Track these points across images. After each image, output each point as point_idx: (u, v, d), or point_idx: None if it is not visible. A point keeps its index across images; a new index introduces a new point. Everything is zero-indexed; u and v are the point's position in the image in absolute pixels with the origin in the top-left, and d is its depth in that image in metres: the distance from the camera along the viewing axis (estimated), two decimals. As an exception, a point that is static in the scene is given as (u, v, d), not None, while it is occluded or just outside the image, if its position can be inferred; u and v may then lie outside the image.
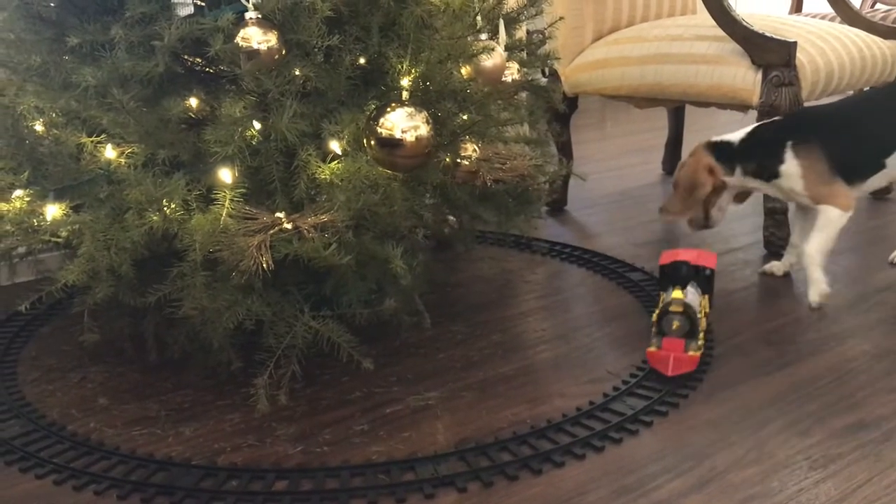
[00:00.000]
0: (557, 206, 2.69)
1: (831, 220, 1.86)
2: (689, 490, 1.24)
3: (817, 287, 1.88)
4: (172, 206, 1.42)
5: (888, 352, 1.66)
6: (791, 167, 1.87)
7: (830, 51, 2.22)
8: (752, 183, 1.96)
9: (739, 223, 2.49)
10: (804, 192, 1.88)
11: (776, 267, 2.08)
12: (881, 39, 2.42)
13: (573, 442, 1.37)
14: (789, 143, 1.87)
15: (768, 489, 1.24)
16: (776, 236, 2.22)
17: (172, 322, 1.52)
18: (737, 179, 1.96)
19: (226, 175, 1.44)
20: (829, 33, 2.29)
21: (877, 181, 1.95)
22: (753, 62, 2.14)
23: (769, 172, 1.91)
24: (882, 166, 1.92)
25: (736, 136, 1.97)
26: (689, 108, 2.93)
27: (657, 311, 1.64)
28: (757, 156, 1.93)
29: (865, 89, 2.45)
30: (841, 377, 1.57)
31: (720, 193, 1.98)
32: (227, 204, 1.40)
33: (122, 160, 1.48)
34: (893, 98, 2.03)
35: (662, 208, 2.07)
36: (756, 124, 2.00)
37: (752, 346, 1.71)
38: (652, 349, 1.61)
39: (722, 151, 1.95)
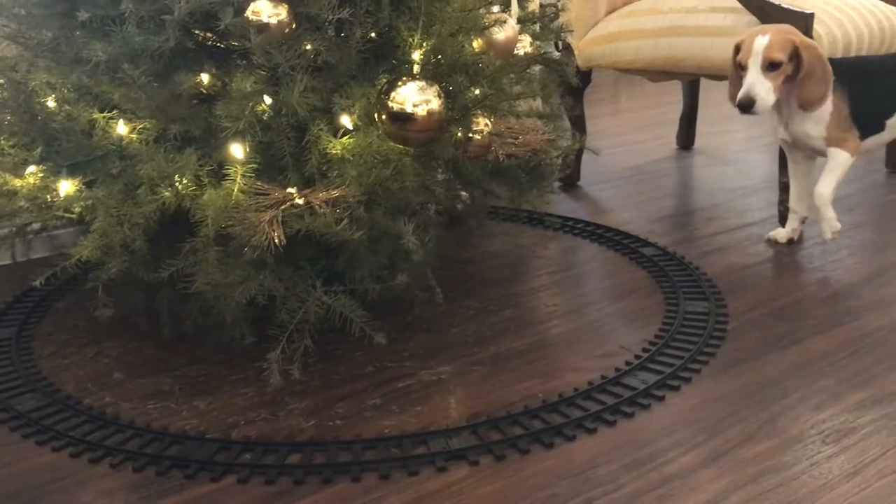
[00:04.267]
0: (570, 182, 2.67)
1: (840, 162, 1.94)
2: (701, 464, 1.24)
3: (830, 224, 1.98)
4: (184, 181, 1.43)
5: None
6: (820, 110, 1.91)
7: (848, 22, 2.18)
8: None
9: (755, 197, 2.47)
10: (823, 133, 1.93)
11: (780, 234, 2.10)
12: (901, 10, 2.38)
13: (584, 416, 1.37)
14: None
15: (781, 463, 1.24)
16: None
17: (186, 297, 1.52)
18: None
19: (237, 150, 1.44)
20: (847, 4, 2.25)
21: (873, 142, 2.03)
22: (770, 34, 2.11)
23: None
24: (882, 128, 2.01)
25: None
26: (703, 82, 2.90)
27: None
28: None
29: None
30: (855, 352, 1.56)
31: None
32: (238, 179, 1.41)
33: (134, 136, 1.48)
34: None
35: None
36: None
37: (766, 321, 1.70)
38: None
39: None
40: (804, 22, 2.05)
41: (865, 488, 1.17)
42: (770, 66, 1.86)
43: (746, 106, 1.87)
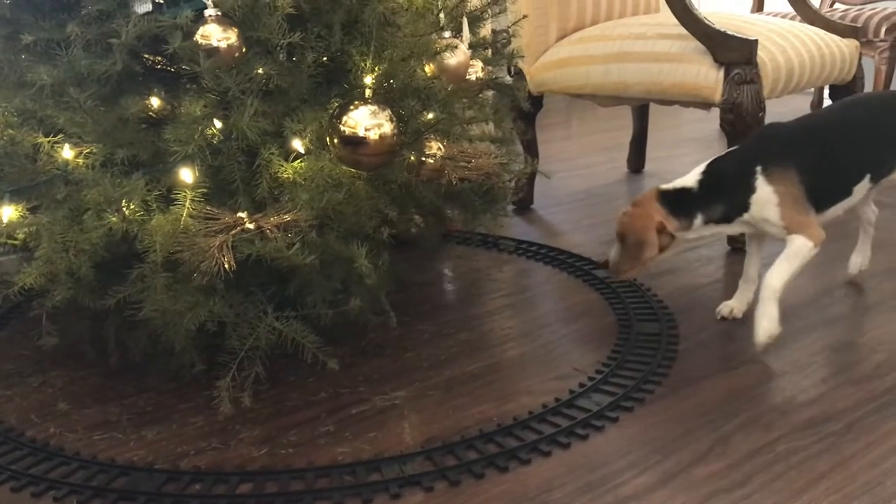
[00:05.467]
0: (524, 205, 2.69)
1: (800, 252, 1.64)
2: (655, 485, 1.25)
3: (769, 325, 1.63)
4: (132, 206, 1.40)
5: (848, 346, 1.68)
6: (764, 195, 1.64)
7: (791, 49, 2.24)
8: (715, 229, 1.72)
9: (703, 220, 2.51)
10: (779, 222, 1.64)
11: (735, 310, 1.83)
12: (839, 38, 2.46)
13: (539, 439, 1.37)
14: (758, 169, 1.64)
15: (732, 483, 1.25)
16: (729, 235, 2.23)
17: (134, 325, 1.49)
18: (696, 231, 1.70)
19: (186, 175, 1.42)
20: (790, 31, 2.32)
21: (838, 210, 1.74)
22: (716, 60, 2.16)
23: (738, 208, 1.66)
24: (849, 194, 1.73)
25: (690, 179, 1.70)
26: (653, 107, 2.95)
27: None
28: (723, 195, 1.67)
29: (831, 103, 2.11)
30: (803, 371, 1.58)
31: (664, 251, 1.71)
32: (187, 204, 1.39)
33: (80, 160, 1.46)
34: (872, 114, 1.79)
35: (612, 266, 1.76)
36: (708, 161, 1.73)
37: (716, 342, 1.72)
38: None
39: (678, 201, 1.69)
40: (748, 48, 2.11)
41: (815, 506, 1.19)
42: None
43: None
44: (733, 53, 2.12)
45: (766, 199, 1.64)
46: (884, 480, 1.24)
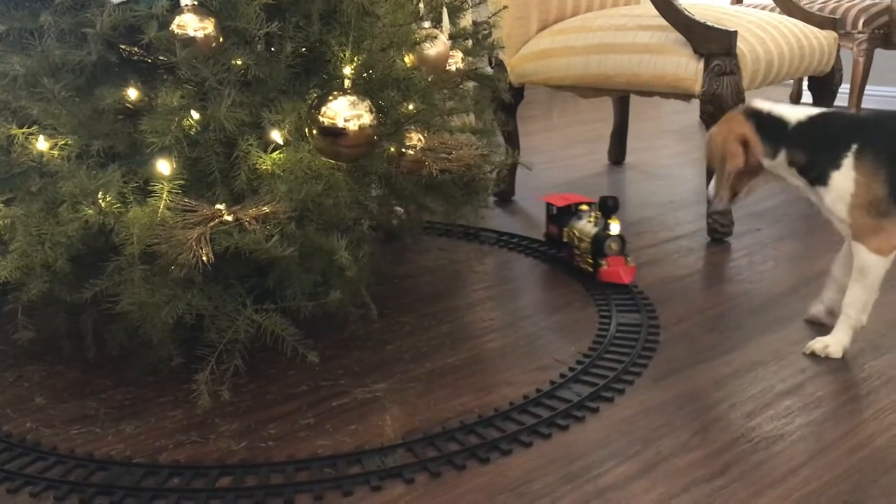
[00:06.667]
0: (505, 197, 2.69)
1: (866, 268, 1.51)
2: (635, 475, 1.25)
3: (835, 342, 1.57)
4: (108, 198, 1.39)
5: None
6: (845, 178, 1.49)
7: (770, 40, 2.25)
8: (793, 178, 1.58)
9: (684, 211, 2.52)
10: (845, 217, 1.51)
11: (821, 314, 1.71)
12: (818, 29, 2.47)
13: (520, 430, 1.37)
14: (854, 146, 1.49)
15: (712, 472, 1.25)
16: (719, 223, 2.24)
17: (111, 318, 1.48)
18: (777, 164, 1.57)
19: (163, 166, 1.40)
20: (769, 23, 2.33)
21: None
22: (695, 51, 2.16)
23: (817, 173, 1.53)
24: None
25: (793, 113, 1.57)
26: (634, 99, 2.95)
27: (582, 241, 1.99)
28: (813, 147, 1.53)
29: None
30: (782, 360, 1.59)
31: (755, 175, 1.61)
32: (165, 196, 1.37)
33: (55, 152, 1.44)
34: None
35: (711, 196, 1.66)
36: (826, 109, 1.63)
37: (696, 332, 1.73)
38: (603, 268, 1.93)
39: (769, 126, 1.57)
40: (728, 39, 2.11)
41: (793, 495, 1.19)
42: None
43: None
44: (713, 45, 2.13)
45: (844, 184, 1.49)
46: (862, 468, 1.25)
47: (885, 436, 1.33)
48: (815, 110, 1.60)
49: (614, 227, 1.95)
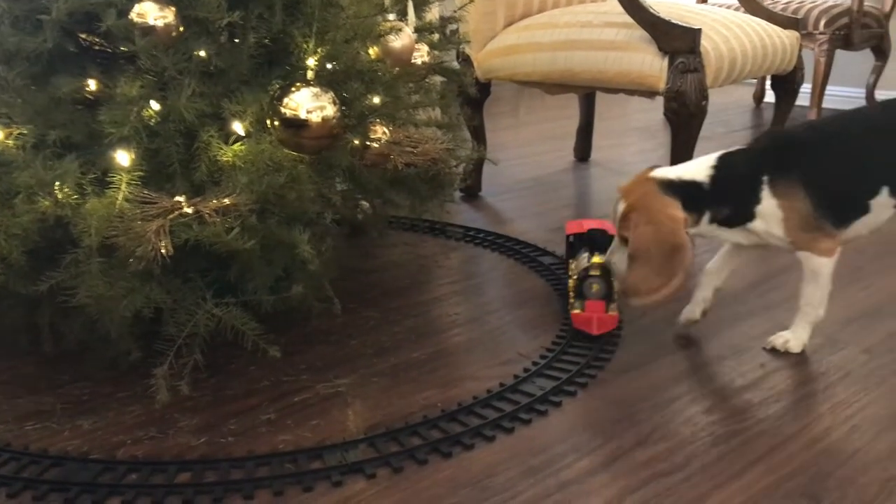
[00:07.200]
0: (472, 192, 2.69)
1: (816, 270, 1.55)
2: (597, 469, 1.25)
3: (796, 338, 1.60)
4: (65, 189, 1.36)
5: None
6: (770, 209, 1.51)
7: (733, 38, 2.27)
8: (717, 233, 1.58)
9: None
10: (785, 237, 1.53)
11: (692, 313, 1.71)
12: (780, 29, 2.50)
13: (483, 424, 1.37)
14: (765, 179, 1.51)
15: (673, 466, 1.26)
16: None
17: (68, 312, 1.45)
18: (701, 229, 1.56)
19: (122, 157, 1.38)
20: (733, 22, 2.35)
21: (857, 229, 1.57)
22: (660, 49, 2.18)
23: (744, 216, 1.54)
24: (867, 210, 1.55)
25: (699, 171, 1.54)
26: (600, 96, 2.97)
27: (573, 277, 1.72)
28: (732, 196, 1.53)
29: (849, 109, 1.76)
30: (742, 355, 1.61)
31: None
32: (123, 187, 1.35)
33: (10, 142, 1.41)
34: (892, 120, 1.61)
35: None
36: (719, 153, 1.58)
37: (658, 327, 1.74)
38: (576, 311, 1.67)
39: (686, 194, 1.52)
40: (692, 37, 2.13)
41: (752, 488, 1.21)
42: (622, 240, 1.56)
43: (609, 271, 1.64)
44: (677, 42, 2.14)
45: (770, 212, 1.51)
46: (819, 461, 1.27)
47: (842, 429, 1.35)
48: (713, 158, 1.56)
49: (596, 266, 1.66)
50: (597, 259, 1.68)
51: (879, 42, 3.76)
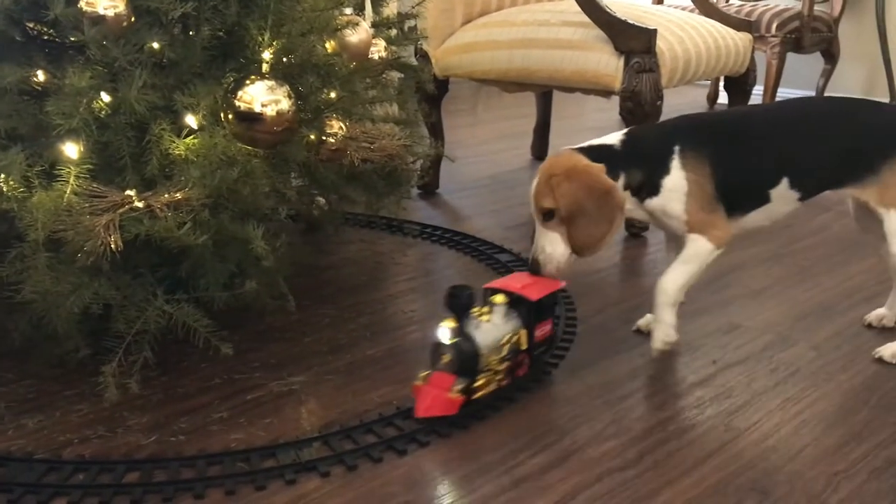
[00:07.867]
0: (429, 189, 2.68)
1: (700, 254, 1.52)
2: (551, 465, 1.26)
3: (663, 330, 1.55)
4: (11, 182, 1.32)
5: (738, 328, 1.74)
6: (675, 181, 1.50)
7: (689, 40, 2.30)
8: (628, 207, 1.55)
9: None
10: (682, 215, 1.51)
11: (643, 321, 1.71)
12: (734, 31, 2.53)
13: (438, 421, 1.36)
14: (676, 149, 1.50)
15: (626, 461, 1.27)
16: (636, 218, 2.27)
17: (14, 307, 1.41)
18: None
19: (71, 150, 1.35)
20: (688, 23, 2.37)
21: (757, 219, 1.58)
22: (616, 48, 2.19)
23: (649, 188, 1.52)
24: (767, 199, 1.56)
25: (611, 138, 1.55)
26: (557, 96, 2.98)
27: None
28: (643, 162, 1.51)
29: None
30: (695, 352, 1.63)
31: None
32: (71, 181, 1.32)
33: (-48, 132, 1.36)
34: (804, 117, 1.62)
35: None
36: (629, 128, 1.64)
37: (612, 324, 1.75)
38: (416, 383, 1.39)
39: (600, 155, 1.50)
40: (648, 37, 2.15)
41: (703, 483, 1.22)
42: (545, 216, 1.49)
43: (536, 271, 1.51)
44: (633, 42, 2.16)
45: (675, 185, 1.50)
46: (768, 456, 1.29)
47: (791, 425, 1.38)
48: (625, 130, 1.59)
49: (448, 333, 1.37)
50: (448, 323, 1.39)
51: (829, 46, 3.84)
